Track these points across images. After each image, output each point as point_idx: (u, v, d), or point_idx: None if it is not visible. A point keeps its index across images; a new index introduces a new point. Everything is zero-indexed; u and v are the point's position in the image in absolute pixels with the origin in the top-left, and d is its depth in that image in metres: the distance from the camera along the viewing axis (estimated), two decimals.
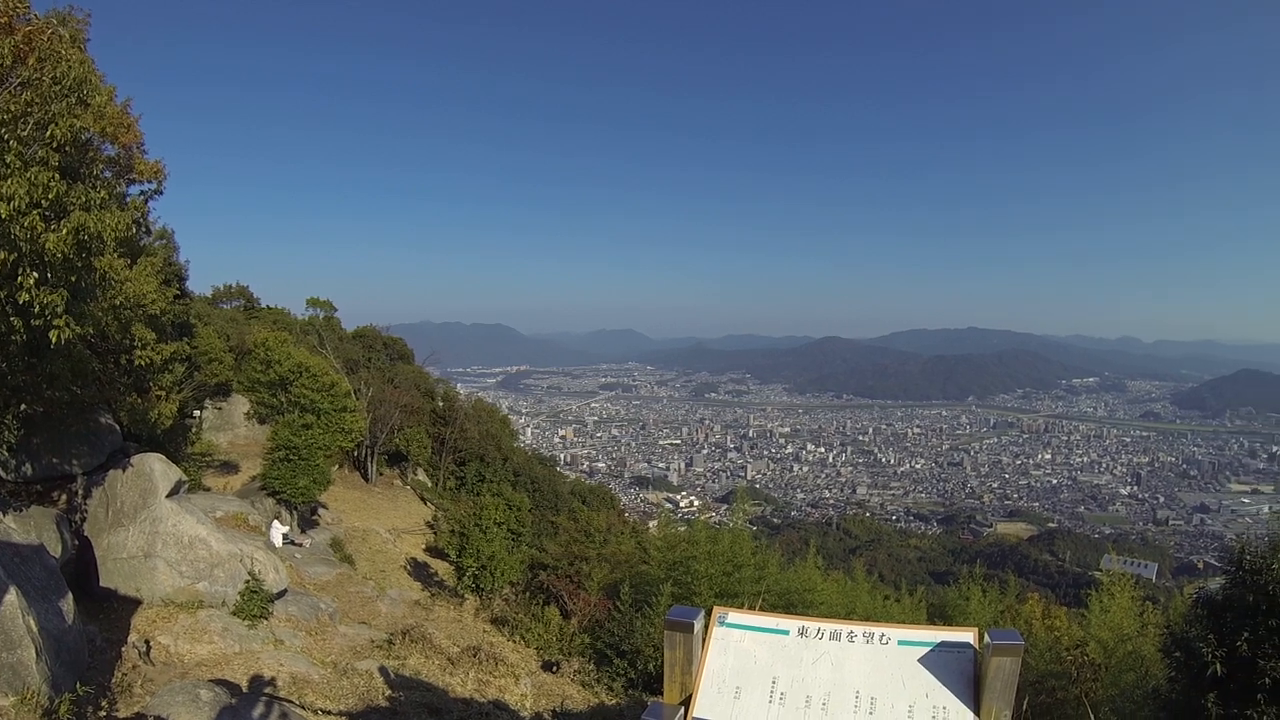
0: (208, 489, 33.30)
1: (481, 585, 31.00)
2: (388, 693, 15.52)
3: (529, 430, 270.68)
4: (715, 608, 6.20)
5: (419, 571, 36.89)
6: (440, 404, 66.68)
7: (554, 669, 21.97)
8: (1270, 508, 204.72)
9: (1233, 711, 12.06)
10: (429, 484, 59.80)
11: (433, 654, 19.14)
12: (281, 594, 20.38)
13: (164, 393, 26.31)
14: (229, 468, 41.84)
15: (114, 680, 13.32)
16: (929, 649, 5.89)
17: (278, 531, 29.50)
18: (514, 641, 25.82)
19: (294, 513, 33.71)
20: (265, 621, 18.12)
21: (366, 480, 52.58)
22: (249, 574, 18.78)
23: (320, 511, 39.52)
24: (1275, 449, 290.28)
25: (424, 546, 42.71)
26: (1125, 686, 18.87)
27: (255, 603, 18.03)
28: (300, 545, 31.57)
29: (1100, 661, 19.54)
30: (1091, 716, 13.74)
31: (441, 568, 37.33)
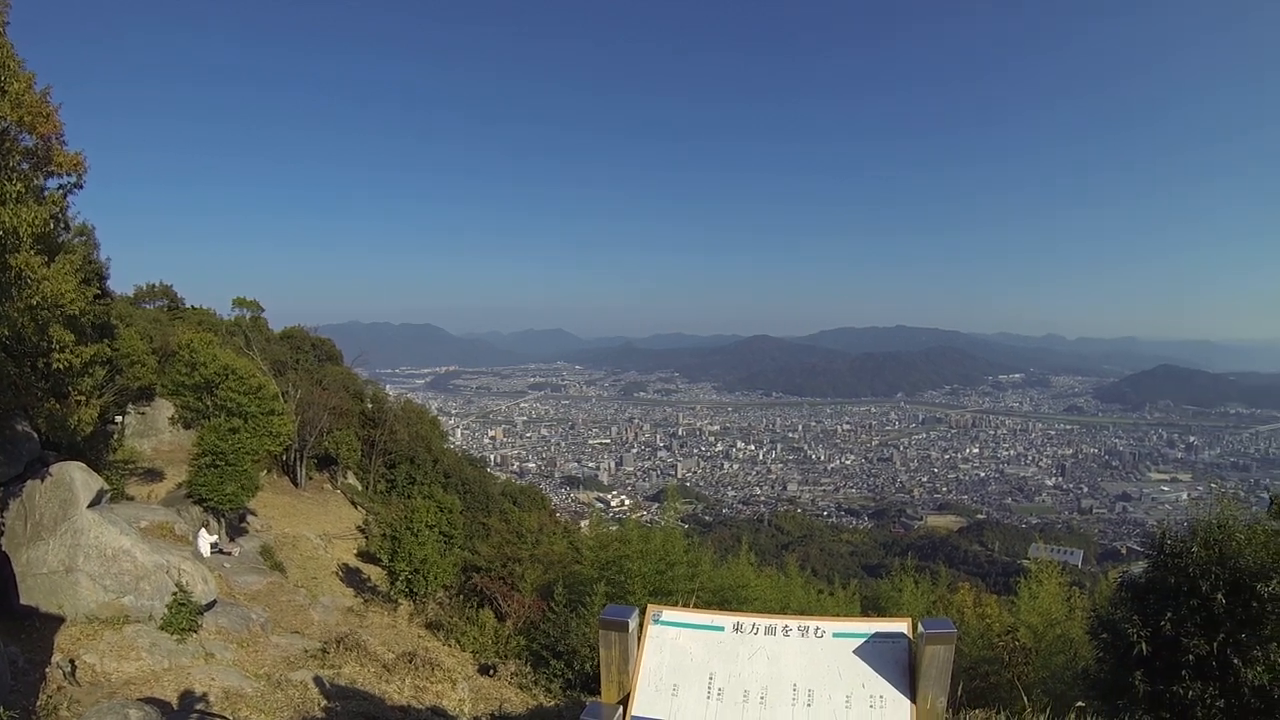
0: (131, 498, 32.47)
1: (415, 589, 30.64)
2: (323, 703, 15.26)
3: (459, 431, 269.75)
4: (649, 606, 6.19)
5: (351, 577, 36.39)
6: (369, 406, 65.76)
7: (491, 672, 21.81)
8: (1188, 495, 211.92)
9: (1159, 688, 12.43)
10: (359, 487, 58.96)
11: (368, 661, 18.88)
12: (211, 605, 19.88)
13: (84, 398, 25.65)
14: (153, 475, 40.76)
15: (39, 703, 12.94)
16: (864, 640, 5.95)
17: (205, 540, 28.85)
18: (449, 646, 25.65)
19: (222, 520, 32.94)
20: (195, 635, 17.73)
21: (296, 485, 51.68)
22: (176, 586, 18.33)
23: (249, 518, 38.70)
24: (1192, 439, 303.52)
25: (356, 551, 42.08)
26: (1056, 668, 19.31)
27: (184, 616, 17.62)
28: (229, 554, 30.85)
29: (1031, 645, 19.95)
30: (1024, 698, 13.94)
31: (374, 573, 36.80)
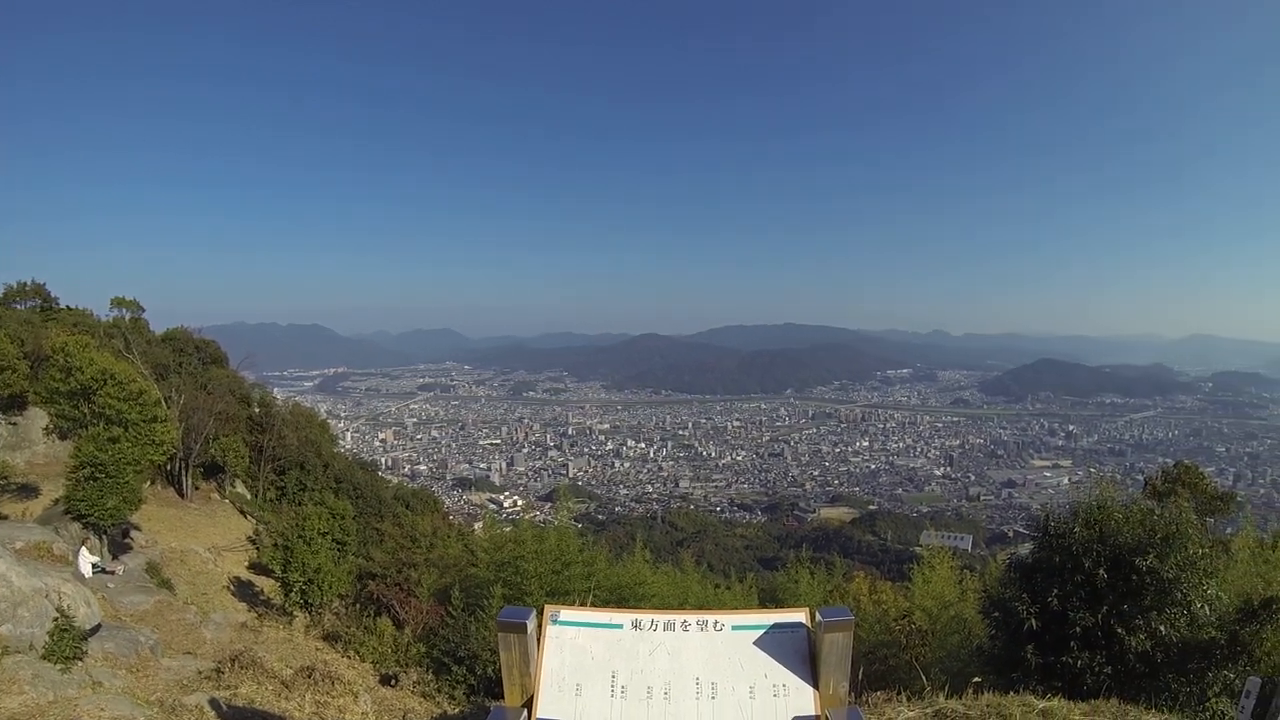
0: (4, 516, 31.28)
1: (310, 600, 29.92)
2: None
3: (349, 434, 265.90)
4: (547, 606, 6.09)
5: (243, 591, 35.37)
6: (257, 410, 63.84)
7: (393, 682, 21.45)
8: (1069, 480, 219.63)
9: (1050, 659, 12.97)
10: (248, 496, 57.32)
11: (265, 679, 18.36)
12: (96, 630, 19.08)
13: None
14: (28, 491, 38.99)
15: None
16: (763, 631, 5.98)
17: (86, 560, 27.69)
18: (349, 657, 25.14)
19: (104, 537, 31.63)
20: (80, 663, 16.93)
21: (182, 496, 49.95)
22: (57, 611, 17.50)
23: (133, 534, 37.19)
24: (1072, 428, 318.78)
25: (247, 563, 40.94)
26: (952, 647, 19.80)
27: (67, 643, 16.83)
28: (113, 573, 29.61)
29: (926, 628, 20.43)
30: (923, 678, 14.30)
31: (267, 585, 35.81)
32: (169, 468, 49.07)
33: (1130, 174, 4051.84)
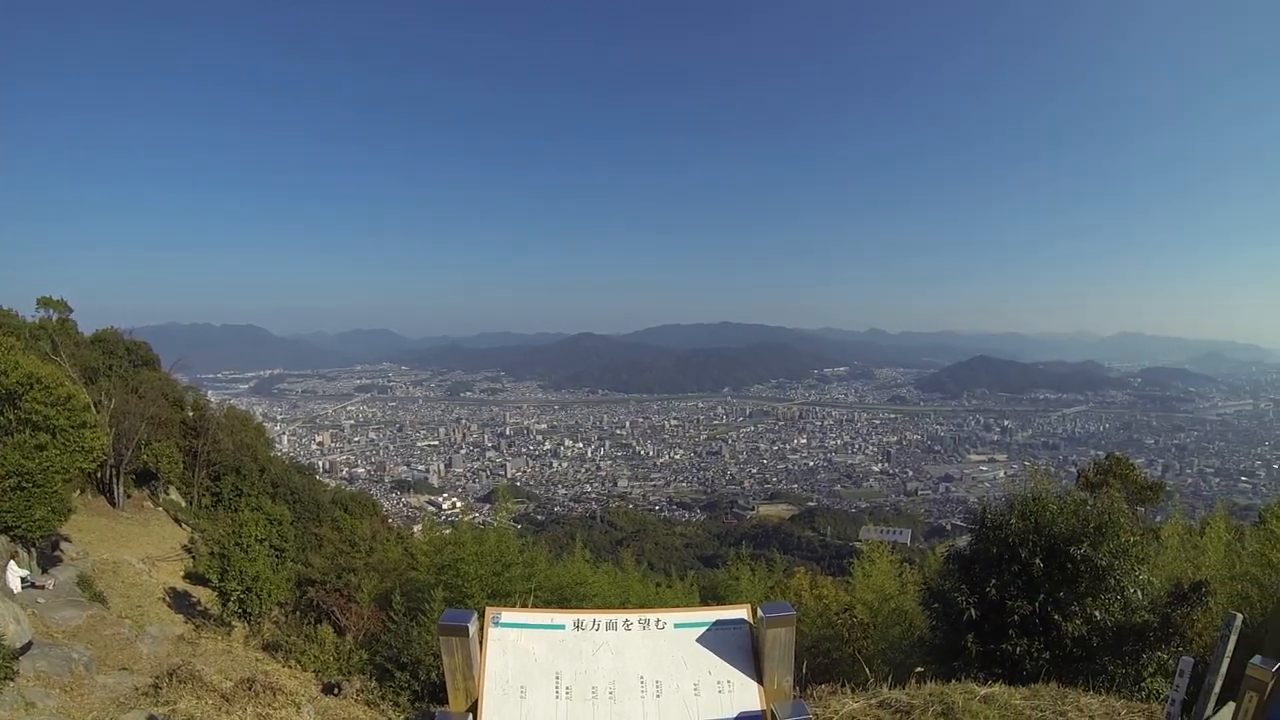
0: None
1: (249, 609, 29.43)
2: None
3: (285, 438, 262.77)
4: (488, 608, 6.06)
5: (180, 602, 34.64)
6: (191, 414, 62.48)
7: (336, 691, 21.17)
8: (1005, 473, 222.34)
9: (990, 647, 13.20)
10: (183, 503, 56.23)
11: (205, 693, 18.00)
12: (27, 648, 18.66)
13: None
14: None
15: None
16: (706, 629, 6.02)
17: (14, 574, 26.98)
18: (290, 667, 24.74)
19: (32, 550, 30.87)
20: (11, 683, 16.49)
21: (114, 505, 48.83)
22: None
23: (63, 545, 36.28)
24: (1007, 423, 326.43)
25: (183, 573, 39.97)
26: (894, 639, 20.01)
27: None
28: (43, 587, 28.84)
29: (868, 620, 20.65)
30: (866, 669, 14.49)
31: (204, 595, 35.03)
32: (99, 476, 47.94)
33: (1058, 175, 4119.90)
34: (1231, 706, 7.46)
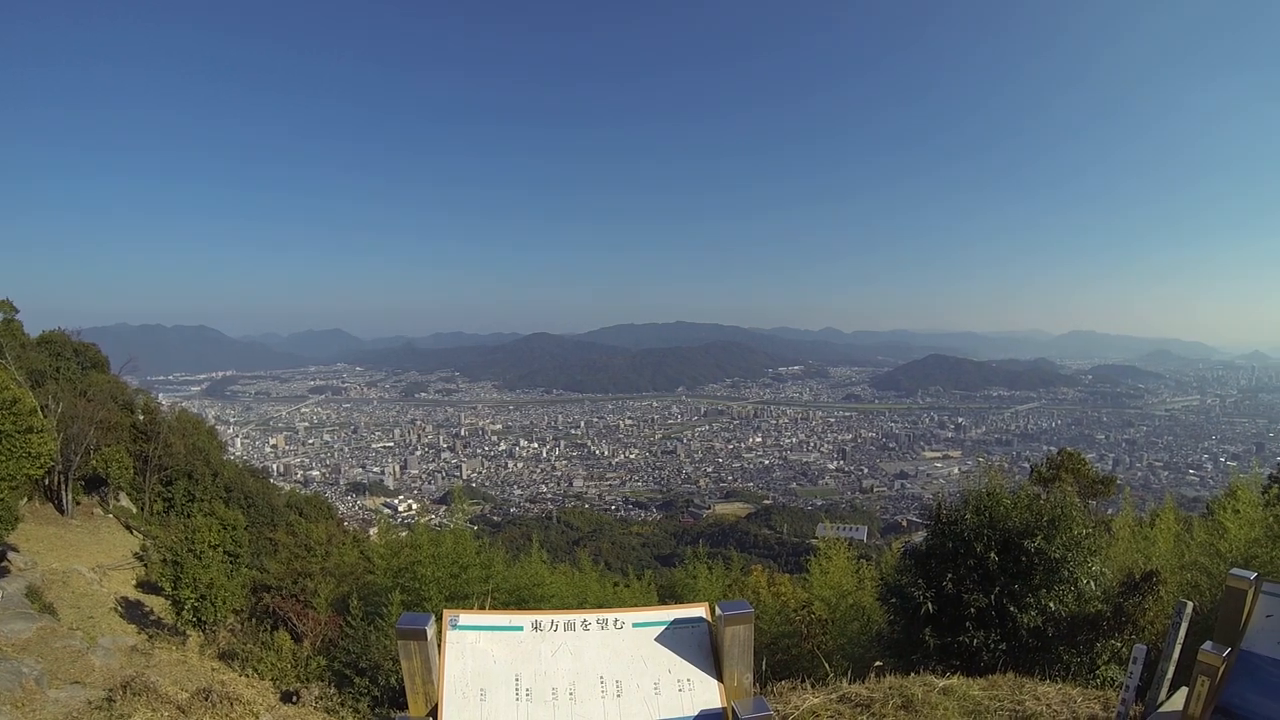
0: None
1: (203, 618, 29.00)
2: None
3: (238, 441, 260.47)
4: (445, 611, 5.97)
5: (133, 612, 34.05)
6: (141, 417, 61.17)
7: (294, 699, 20.95)
8: (959, 469, 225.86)
9: (947, 640, 13.38)
10: (134, 510, 55.20)
11: (160, 705, 17.75)
12: None
13: None
14: None
15: None
16: (664, 627, 6.03)
17: None
18: (247, 676, 24.41)
19: None
20: None
21: (62, 512, 47.88)
22: None
23: (10, 556, 35.53)
24: (961, 420, 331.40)
25: (135, 582, 39.28)
26: (852, 634, 20.18)
27: None
28: None
29: (826, 617, 20.78)
30: (826, 665, 14.58)
31: (157, 604, 34.47)
32: (47, 482, 46.98)
33: (1011, 176, 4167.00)
34: (1184, 691, 7.62)
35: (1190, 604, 8.71)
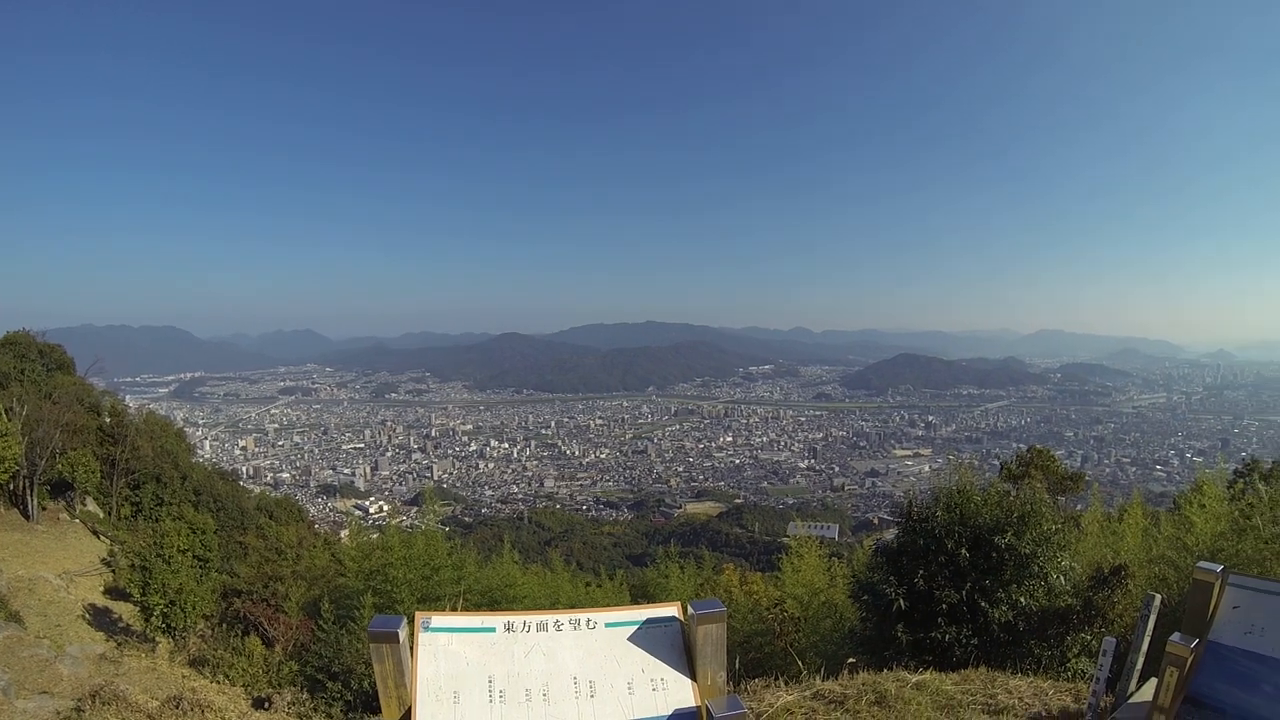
0: None
1: (173, 624, 28.68)
2: None
3: (207, 443, 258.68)
4: (417, 613, 5.97)
5: (101, 619, 33.66)
6: (108, 420, 60.42)
7: (267, 705, 20.77)
8: (930, 467, 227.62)
9: (919, 636, 13.50)
10: (101, 514, 54.44)
11: (130, 714, 17.49)
12: None
13: None
14: None
15: None
16: (637, 627, 6.05)
17: None
18: (218, 682, 24.20)
19: None
20: None
21: (27, 518, 47.28)
22: None
23: None
24: (931, 419, 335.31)
25: (103, 589, 38.80)
26: (825, 632, 20.27)
27: None
28: None
29: (799, 614, 20.83)
30: (799, 662, 14.66)
31: (126, 610, 34.05)
32: (12, 487, 46.38)
33: (981, 178, 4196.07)
34: (1154, 682, 7.72)
35: (1158, 597, 8.84)
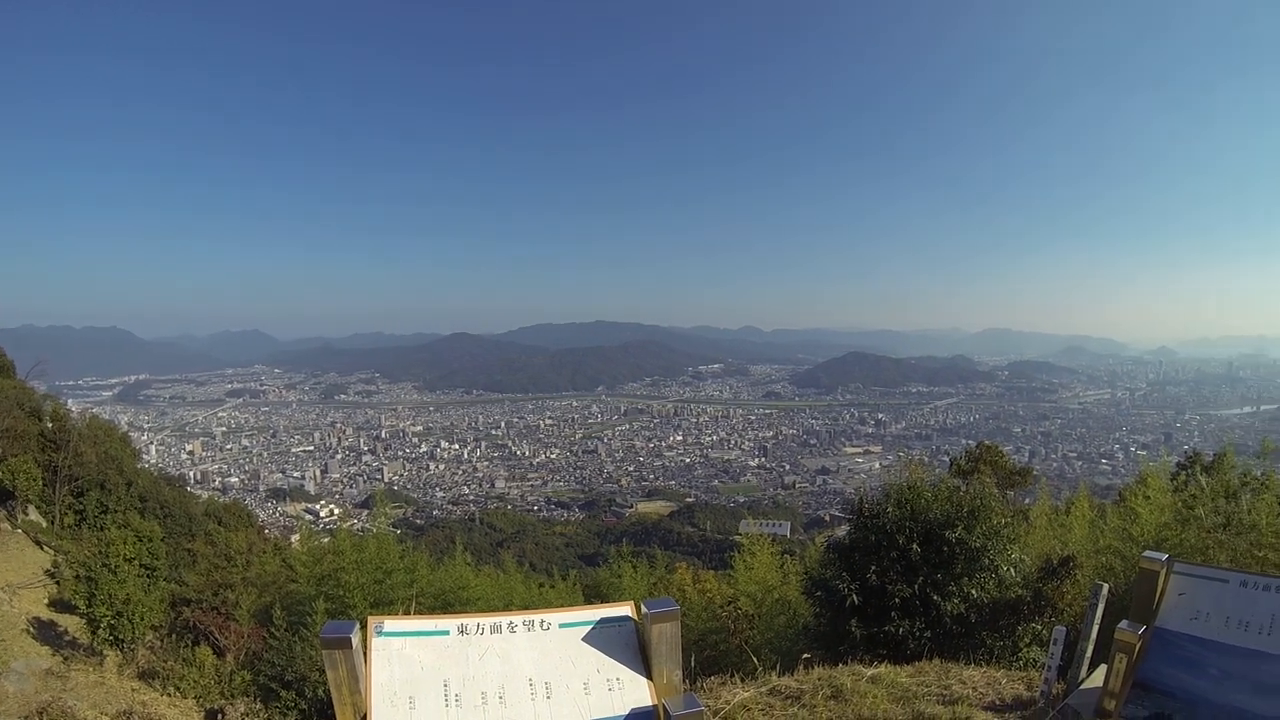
0: None
1: (121, 636, 28.10)
2: None
3: (153, 448, 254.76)
4: (370, 618, 5.92)
5: (46, 633, 32.99)
6: (49, 425, 59.32)
7: (219, 716, 20.52)
8: (880, 464, 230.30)
9: (873, 630, 13.67)
10: (44, 523, 53.37)
11: None
12: None
13: None
14: None
15: None
16: (591, 627, 6.08)
17: None
18: (169, 695, 23.80)
19: None
20: None
21: None
22: None
23: None
24: (881, 416, 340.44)
25: (48, 601, 38.04)
26: (779, 628, 20.38)
27: None
28: None
29: (753, 612, 20.96)
30: (754, 659, 14.73)
31: (72, 623, 33.37)
32: None
33: (927, 178, 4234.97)
34: (1104, 669, 7.90)
35: (1106, 586, 9.04)
